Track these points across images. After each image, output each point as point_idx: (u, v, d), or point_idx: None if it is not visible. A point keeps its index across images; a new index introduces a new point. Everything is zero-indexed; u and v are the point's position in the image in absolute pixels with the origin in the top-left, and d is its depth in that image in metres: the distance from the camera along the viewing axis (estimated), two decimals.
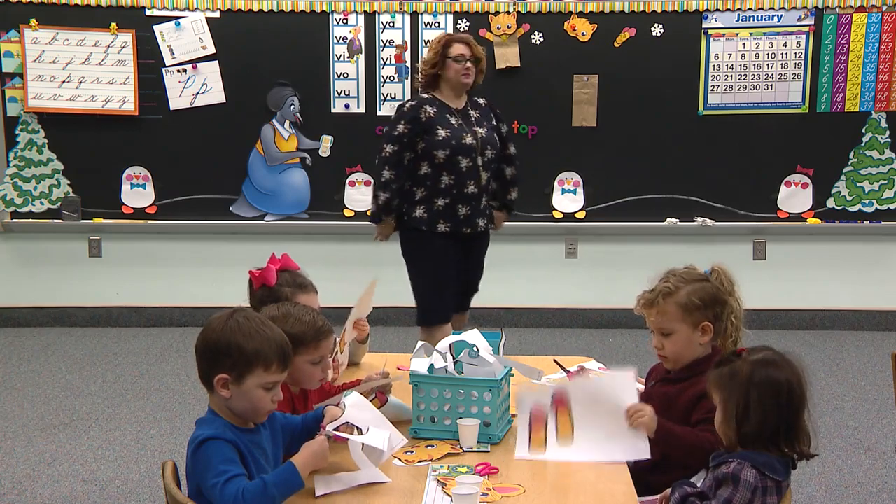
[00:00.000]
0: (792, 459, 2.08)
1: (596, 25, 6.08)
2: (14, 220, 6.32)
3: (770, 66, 6.09)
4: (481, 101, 4.48)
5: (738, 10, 6.04)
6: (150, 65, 6.13)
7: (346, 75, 6.16)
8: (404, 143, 4.26)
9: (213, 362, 2.04)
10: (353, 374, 2.94)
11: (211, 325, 2.07)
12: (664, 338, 2.46)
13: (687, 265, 2.79)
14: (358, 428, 2.16)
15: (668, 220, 6.25)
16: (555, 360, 3.00)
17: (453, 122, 4.30)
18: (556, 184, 6.25)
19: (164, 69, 6.13)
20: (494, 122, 4.46)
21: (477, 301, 4.68)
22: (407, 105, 4.35)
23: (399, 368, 3.01)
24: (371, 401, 2.51)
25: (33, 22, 6.06)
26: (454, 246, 4.36)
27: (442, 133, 4.25)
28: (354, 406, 2.21)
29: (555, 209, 6.26)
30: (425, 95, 4.38)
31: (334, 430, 2.15)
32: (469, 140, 4.28)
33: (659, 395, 2.49)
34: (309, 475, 2.07)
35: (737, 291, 2.65)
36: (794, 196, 6.22)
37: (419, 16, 6.11)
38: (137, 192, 6.29)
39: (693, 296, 2.44)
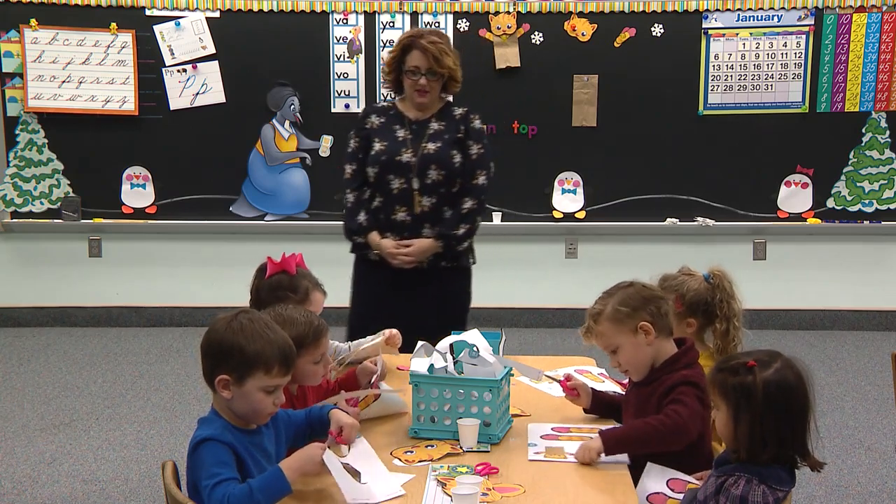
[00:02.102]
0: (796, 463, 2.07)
1: (596, 25, 6.07)
2: (14, 220, 6.31)
3: (770, 66, 6.09)
4: (459, 111, 3.69)
5: (738, 10, 6.03)
6: (150, 65, 6.12)
7: (346, 75, 6.16)
8: (360, 158, 3.68)
9: (215, 362, 2.05)
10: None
11: (214, 326, 2.08)
12: (616, 355, 2.47)
13: (681, 266, 2.83)
14: (357, 472, 2.13)
15: (668, 220, 6.24)
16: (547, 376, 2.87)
17: (399, 135, 3.64)
18: (556, 184, 6.24)
19: (164, 69, 6.13)
20: (461, 137, 3.64)
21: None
22: (359, 114, 3.84)
23: (399, 368, 3.01)
24: (365, 398, 2.54)
25: (33, 22, 6.06)
26: (391, 279, 3.66)
27: (377, 147, 3.64)
28: (361, 455, 2.22)
29: (555, 209, 6.26)
30: (383, 103, 3.89)
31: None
32: (406, 157, 3.59)
33: (635, 397, 2.52)
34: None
35: (737, 293, 2.66)
36: (794, 196, 6.22)
37: (419, 16, 6.11)
38: (137, 192, 6.29)
39: (618, 305, 2.44)
